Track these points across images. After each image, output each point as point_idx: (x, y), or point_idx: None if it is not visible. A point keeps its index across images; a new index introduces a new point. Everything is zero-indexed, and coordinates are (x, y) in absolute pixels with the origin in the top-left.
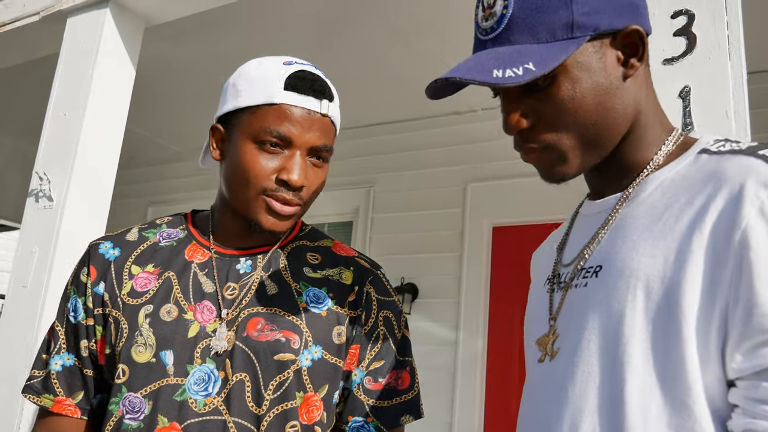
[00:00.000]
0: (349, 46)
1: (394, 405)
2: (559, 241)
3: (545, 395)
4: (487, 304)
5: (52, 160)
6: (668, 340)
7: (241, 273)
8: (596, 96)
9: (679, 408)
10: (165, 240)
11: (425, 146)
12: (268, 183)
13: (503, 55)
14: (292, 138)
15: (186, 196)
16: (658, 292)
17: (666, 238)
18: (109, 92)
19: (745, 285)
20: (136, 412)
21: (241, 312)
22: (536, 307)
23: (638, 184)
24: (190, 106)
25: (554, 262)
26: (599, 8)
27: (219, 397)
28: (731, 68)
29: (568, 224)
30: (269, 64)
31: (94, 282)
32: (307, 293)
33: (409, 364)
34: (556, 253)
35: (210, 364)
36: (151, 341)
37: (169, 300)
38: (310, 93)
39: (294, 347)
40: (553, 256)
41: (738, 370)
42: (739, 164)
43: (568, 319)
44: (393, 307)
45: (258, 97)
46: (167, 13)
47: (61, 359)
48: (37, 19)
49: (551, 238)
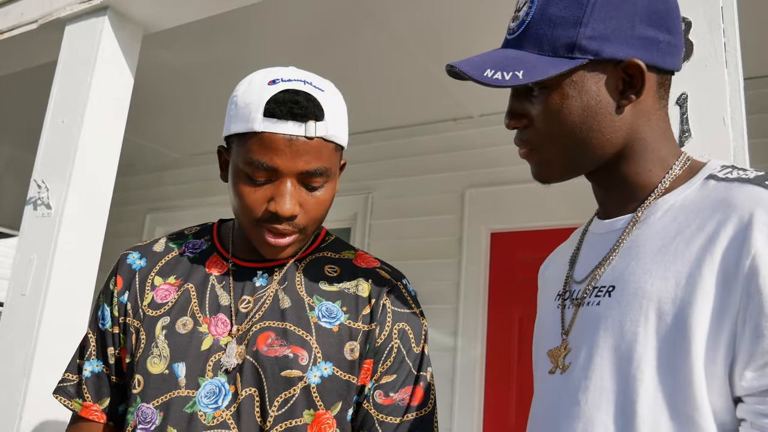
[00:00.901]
0: (347, 52)
1: (405, 422)
2: (570, 257)
3: (557, 408)
4: (486, 310)
5: (51, 167)
6: (677, 358)
7: (257, 286)
8: (583, 116)
9: (687, 422)
10: (189, 251)
11: (423, 152)
12: (259, 214)
13: (506, 57)
14: (277, 167)
15: (185, 203)
16: (670, 313)
17: (677, 261)
18: (108, 99)
19: (753, 309)
20: (148, 422)
21: (253, 326)
22: (548, 320)
23: (647, 207)
24: (188, 113)
25: (566, 277)
26: (607, 36)
27: (228, 411)
28: (728, 75)
29: (578, 240)
30: (255, 86)
31: (120, 291)
32: (319, 308)
33: (424, 380)
34: (567, 267)
35: (222, 377)
36: (165, 353)
37: (185, 312)
38: (289, 117)
39: (302, 363)
40: (564, 270)
41: (747, 388)
42: (748, 194)
43: (580, 335)
44: (411, 319)
45: (242, 125)
46: (166, 20)
47: (91, 366)
48: (35, 27)
49: (559, 251)
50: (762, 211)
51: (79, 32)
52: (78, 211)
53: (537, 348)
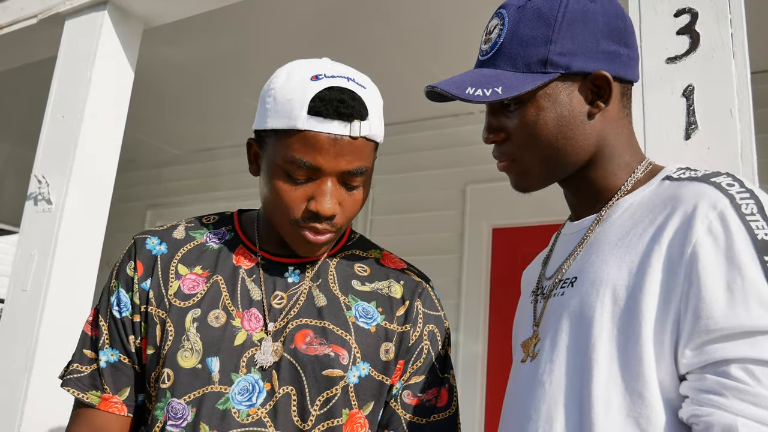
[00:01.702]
0: (348, 48)
1: (431, 422)
2: (543, 258)
3: (525, 391)
4: (488, 306)
5: (51, 163)
6: (629, 340)
7: (290, 282)
8: (558, 126)
9: (637, 399)
10: (212, 241)
11: (424, 148)
12: (298, 213)
13: (484, 76)
14: (320, 166)
15: (186, 199)
16: (623, 299)
17: (631, 252)
18: (108, 94)
19: (693, 293)
20: (179, 418)
21: (289, 323)
22: (522, 315)
23: (610, 207)
24: (189, 109)
25: (539, 275)
26: (575, 51)
27: (263, 409)
28: (735, 67)
29: (552, 243)
30: (296, 80)
31: (141, 277)
32: (356, 307)
33: (449, 382)
34: (541, 267)
35: (255, 374)
36: (198, 346)
37: (217, 305)
38: (335, 117)
39: (343, 363)
40: (538, 271)
41: (687, 365)
42: (694, 189)
43: (547, 324)
44: (439, 322)
45: (282, 121)
46: (166, 15)
47: (105, 355)
48: (34, 21)
49: (539, 256)
50: (704, 203)
51: (79, 27)
52: (78, 207)
53: (514, 343)
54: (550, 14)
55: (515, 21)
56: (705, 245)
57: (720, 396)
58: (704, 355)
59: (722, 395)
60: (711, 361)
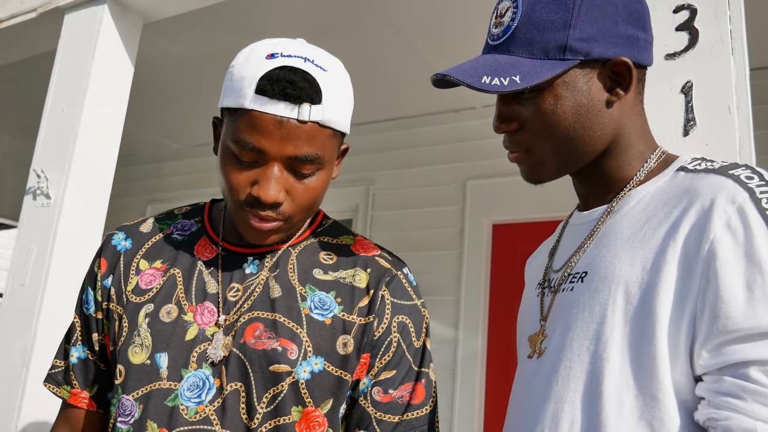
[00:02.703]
0: (348, 42)
1: (405, 421)
2: (550, 249)
3: (532, 389)
4: (487, 301)
5: (50, 157)
6: (643, 339)
7: (247, 273)
8: (576, 114)
9: (650, 400)
10: (178, 232)
11: (424, 143)
12: (242, 196)
13: (498, 63)
14: (263, 149)
15: (185, 194)
16: (636, 296)
17: (644, 247)
18: (108, 89)
19: (711, 291)
20: (127, 415)
21: (241, 316)
22: (528, 308)
23: (622, 199)
24: (188, 103)
25: (545, 267)
26: (594, 36)
27: (211, 406)
28: (734, 63)
29: (559, 233)
30: (253, 58)
31: (104, 275)
32: (312, 298)
33: (426, 376)
34: (547, 259)
35: (206, 370)
36: (147, 342)
37: (170, 300)
38: (281, 98)
39: (291, 358)
40: (545, 261)
41: (704, 367)
42: (711, 182)
43: (555, 319)
44: (411, 311)
45: (233, 99)
46: (165, 9)
47: (77, 351)
48: (34, 15)
49: (544, 245)
50: (722, 197)
51: (79, 21)
52: (77, 201)
53: (520, 336)
54: None
55: (530, 3)
56: (723, 241)
57: (739, 399)
58: (722, 357)
59: (741, 398)
60: (729, 363)
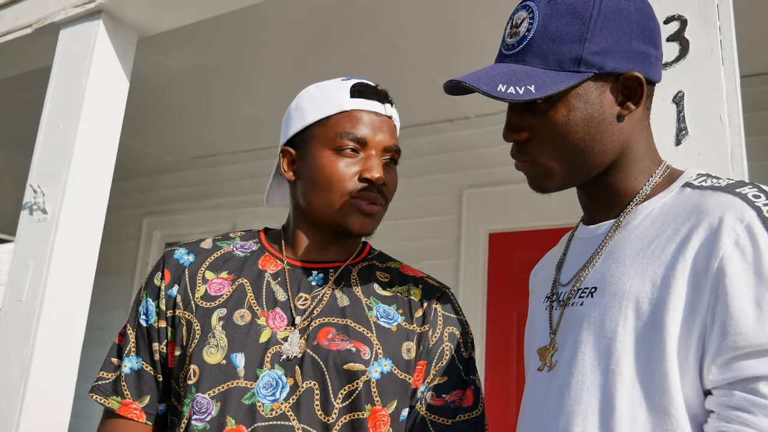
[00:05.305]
0: (342, 54)
1: (457, 423)
2: (557, 261)
3: (543, 404)
4: (485, 311)
5: (46, 172)
6: (653, 354)
7: (313, 285)
8: (587, 126)
9: (663, 415)
10: (239, 250)
11: (420, 154)
12: (352, 184)
13: (513, 72)
14: (367, 139)
15: (182, 207)
16: (646, 312)
17: (654, 264)
18: (103, 103)
19: (721, 308)
20: (203, 413)
21: (312, 321)
22: (537, 321)
23: (629, 213)
24: (184, 117)
25: (553, 280)
26: (609, 50)
27: (286, 403)
28: (724, 73)
29: (565, 245)
30: (328, 83)
31: (168, 285)
32: (377, 308)
33: (473, 383)
34: (554, 271)
35: (278, 369)
36: (223, 343)
37: (242, 305)
38: (374, 97)
39: (364, 358)
40: (551, 274)
41: (714, 381)
42: (719, 200)
43: (565, 334)
44: (460, 325)
45: (327, 108)
46: (160, 24)
47: (131, 362)
48: (29, 31)
49: (549, 256)
50: (730, 216)
51: (74, 36)
52: (74, 216)
53: (528, 347)
54: (585, 10)
55: (547, 15)
56: (732, 259)
57: (749, 413)
58: (732, 372)
59: (751, 413)
60: (739, 378)
